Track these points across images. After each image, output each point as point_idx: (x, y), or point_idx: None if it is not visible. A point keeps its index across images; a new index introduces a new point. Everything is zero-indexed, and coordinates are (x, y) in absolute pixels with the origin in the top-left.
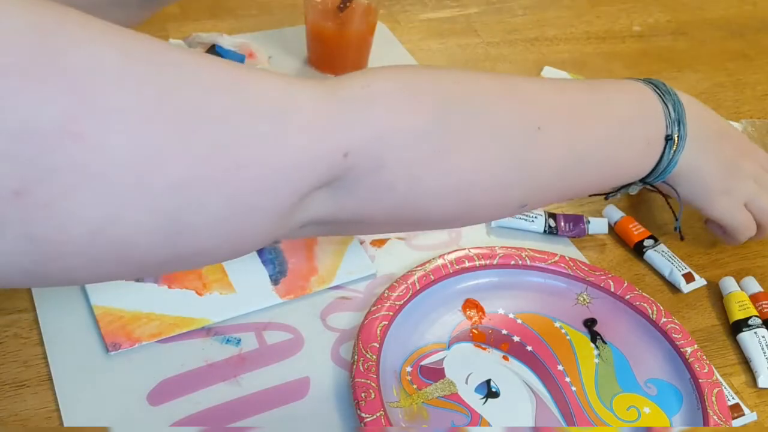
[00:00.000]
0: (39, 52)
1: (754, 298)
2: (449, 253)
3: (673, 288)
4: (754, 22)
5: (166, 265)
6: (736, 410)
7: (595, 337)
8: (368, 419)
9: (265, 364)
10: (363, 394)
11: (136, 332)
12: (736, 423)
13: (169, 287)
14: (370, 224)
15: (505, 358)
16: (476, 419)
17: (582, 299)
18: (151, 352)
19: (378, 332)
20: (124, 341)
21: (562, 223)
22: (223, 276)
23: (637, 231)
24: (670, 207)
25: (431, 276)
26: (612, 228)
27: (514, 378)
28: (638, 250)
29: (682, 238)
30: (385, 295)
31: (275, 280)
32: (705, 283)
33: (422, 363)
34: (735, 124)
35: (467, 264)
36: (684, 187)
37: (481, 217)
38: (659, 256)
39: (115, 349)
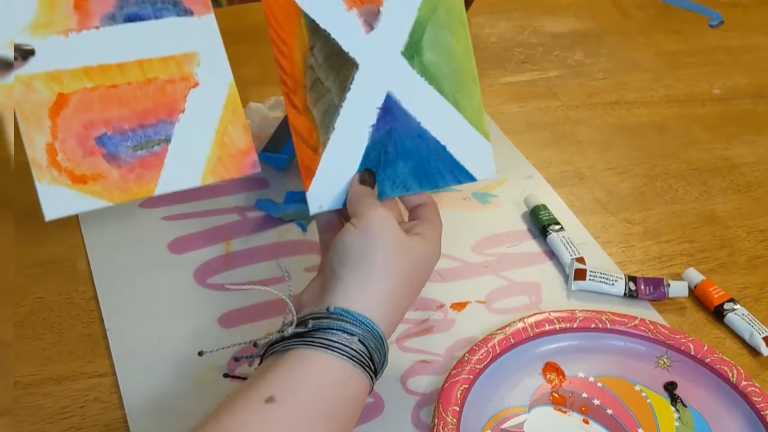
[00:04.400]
0: None
1: None
2: (529, 316)
3: (754, 351)
4: None
5: None
6: None
7: (675, 400)
8: None
9: None
10: None
11: None
12: None
13: None
14: None
15: (585, 421)
16: None
17: (662, 362)
18: None
19: (458, 396)
20: None
21: (642, 287)
22: None
23: (717, 294)
24: None
25: (511, 339)
26: (692, 291)
27: None
28: (718, 313)
29: None
30: (465, 358)
31: None
32: None
33: (502, 426)
34: None
35: (547, 327)
36: None
37: None
38: (739, 319)
39: None
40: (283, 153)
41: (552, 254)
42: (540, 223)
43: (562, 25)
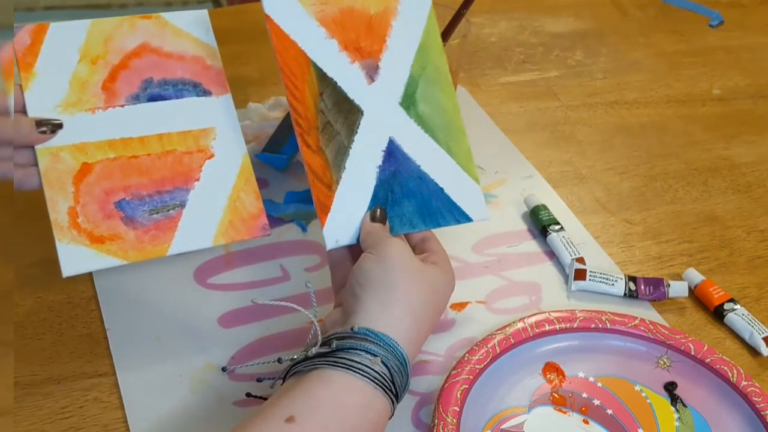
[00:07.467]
0: None
1: None
2: (529, 316)
3: (754, 351)
4: None
5: None
6: None
7: (675, 400)
8: None
9: None
10: None
11: None
12: None
13: None
14: None
15: (585, 421)
16: None
17: (662, 362)
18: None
19: (458, 396)
20: None
21: (643, 287)
22: None
23: (717, 294)
24: None
25: (511, 339)
26: (692, 291)
27: None
28: (718, 313)
29: None
30: (466, 358)
31: None
32: None
33: (502, 427)
34: None
35: (547, 327)
36: None
37: None
38: (739, 319)
39: None
40: (282, 153)
41: (552, 254)
42: (540, 223)
43: (562, 25)
